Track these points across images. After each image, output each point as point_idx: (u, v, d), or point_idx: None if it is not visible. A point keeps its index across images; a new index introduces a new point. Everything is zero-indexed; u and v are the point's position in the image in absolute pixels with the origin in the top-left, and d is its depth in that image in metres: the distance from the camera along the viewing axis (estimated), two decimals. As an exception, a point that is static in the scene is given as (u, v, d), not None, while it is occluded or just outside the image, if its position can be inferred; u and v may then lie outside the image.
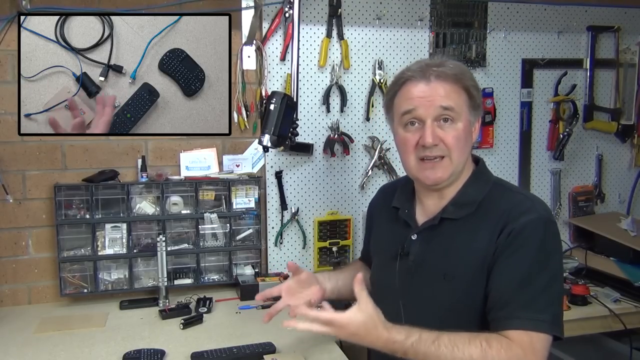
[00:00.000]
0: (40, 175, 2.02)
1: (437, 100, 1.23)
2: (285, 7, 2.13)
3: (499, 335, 1.14)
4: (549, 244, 1.19)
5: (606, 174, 2.70)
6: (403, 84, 1.28)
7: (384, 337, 1.13)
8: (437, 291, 1.26)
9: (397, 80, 1.30)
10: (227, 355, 1.54)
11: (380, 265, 1.45)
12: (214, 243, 2.15)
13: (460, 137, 1.24)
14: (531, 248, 1.17)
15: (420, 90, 1.25)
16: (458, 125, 1.24)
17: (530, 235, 1.17)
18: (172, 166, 2.14)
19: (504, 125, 2.52)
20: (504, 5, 2.45)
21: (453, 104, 1.23)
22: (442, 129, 1.24)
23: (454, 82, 1.24)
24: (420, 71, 1.26)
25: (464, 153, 1.27)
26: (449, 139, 1.23)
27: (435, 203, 1.32)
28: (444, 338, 1.12)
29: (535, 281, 1.15)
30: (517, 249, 1.17)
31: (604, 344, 2.32)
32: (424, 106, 1.24)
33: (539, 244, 1.17)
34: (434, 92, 1.23)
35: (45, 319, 1.87)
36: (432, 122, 1.24)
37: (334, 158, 2.28)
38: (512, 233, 1.18)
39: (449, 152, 1.24)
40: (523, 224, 1.18)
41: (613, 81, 2.64)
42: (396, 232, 1.38)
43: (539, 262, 1.16)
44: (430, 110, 1.23)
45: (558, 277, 1.22)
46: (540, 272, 1.16)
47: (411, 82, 1.26)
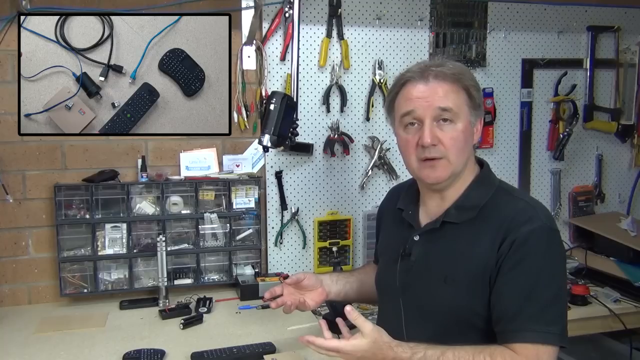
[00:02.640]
0: (40, 175, 2.02)
1: (435, 101, 1.23)
2: (285, 7, 2.13)
3: (504, 348, 1.14)
4: (553, 254, 1.19)
5: (606, 174, 2.70)
6: (403, 85, 1.28)
7: (390, 356, 1.14)
8: (437, 294, 1.26)
9: (397, 82, 1.30)
10: (227, 355, 1.54)
11: (384, 266, 1.46)
12: (214, 243, 2.15)
13: (458, 138, 1.23)
14: (536, 259, 1.16)
15: (419, 90, 1.24)
16: (457, 125, 1.24)
17: (534, 245, 1.16)
18: (172, 166, 2.14)
19: (504, 125, 2.52)
20: (504, 5, 2.45)
21: (452, 104, 1.23)
22: (441, 129, 1.23)
23: (452, 82, 1.24)
24: (420, 72, 1.25)
25: (463, 154, 1.26)
26: (447, 140, 1.23)
27: (437, 204, 1.32)
28: (449, 354, 1.12)
29: (543, 293, 1.15)
30: (521, 259, 1.16)
31: (604, 344, 2.32)
32: (423, 107, 1.23)
33: (544, 254, 1.16)
34: (433, 92, 1.23)
35: (45, 319, 1.87)
36: (430, 122, 1.23)
37: (334, 158, 2.28)
38: (515, 243, 1.16)
39: (446, 153, 1.23)
40: (526, 234, 1.16)
41: (613, 81, 2.64)
42: (400, 233, 1.38)
43: (546, 273, 1.16)
44: (429, 110, 1.23)
45: (564, 287, 1.22)
46: (548, 284, 1.16)
47: (410, 83, 1.26)
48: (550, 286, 1.16)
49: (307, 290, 1.50)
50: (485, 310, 1.20)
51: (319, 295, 1.50)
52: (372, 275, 1.53)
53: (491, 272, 1.19)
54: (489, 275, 1.19)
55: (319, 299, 1.51)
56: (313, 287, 1.50)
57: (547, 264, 1.16)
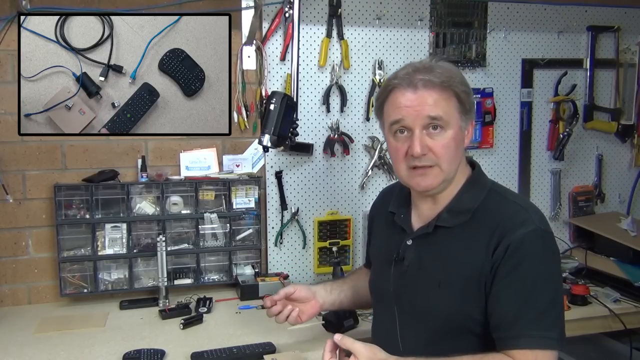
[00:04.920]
0: (40, 175, 2.02)
1: (425, 110, 1.20)
2: (285, 7, 2.13)
3: (503, 355, 1.14)
4: (548, 257, 1.18)
5: (606, 174, 2.70)
6: (390, 91, 1.25)
7: None
8: (431, 298, 1.25)
9: (385, 88, 1.27)
10: (227, 355, 1.55)
11: (377, 270, 1.45)
12: (214, 243, 2.15)
13: (449, 146, 1.21)
14: (532, 263, 1.15)
15: (408, 99, 1.21)
16: (448, 133, 1.21)
17: (529, 249, 1.15)
18: (172, 166, 2.14)
19: (504, 125, 2.52)
20: (504, 5, 2.45)
21: (442, 112, 1.20)
22: (431, 138, 1.21)
23: (442, 90, 1.20)
24: (408, 78, 1.22)
25: (454, 160, 1.24)
26: (438, 148, 1.21)
27: (430, 208, 1.31)
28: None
29: (540, 298, 1.14)
30: (517, 264, 1.15)
31: (604, 344, 2.31)
32: (412, 116, 1.20)
33: (539, 259, 1.16)
34: (422, 101, 1.20)
35: (45, 319, 1.87)
36: (420, 131, 1.21)
37: (334, 158, 2.28)
38: (510, 247, 1.15)
39: (438, 161, 1.21)
40: (520, 238, 1.15)
41: (613, 81, 2.64)
42: (392, 237, 1.37)
43: (542, 278, 1.15)
44: (418, 120, 1.20)
45: (560, 289, 1.21)
46: (545, 288, 1.15)
47: (398, 90, 1.23)
48: (547, 290, 1.15)
49: (300, 303, 1.50)
50: (479, 315, 1.20)
51: (312, 307, 1.51)
52: (364, 281, 1.53)
53: (486, 276, 1.18)
54: (483, 280, 1.18)
55: (311, 312, 1.51)
56: (305, 299, 1.50)
57: (543, 268, 1.16)
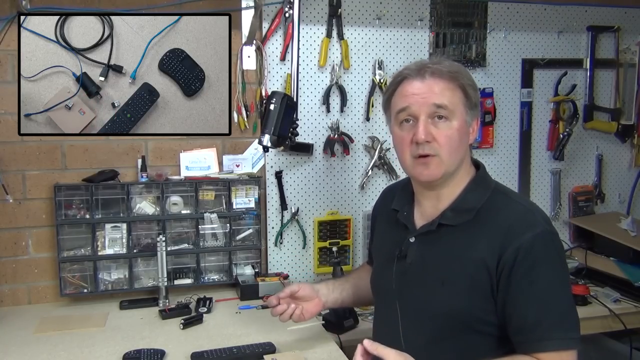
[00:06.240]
0: (40, 175, 2.02)
1: (431, 98, 1.22)
2: (285, 7, 2.13)
3: (530, 358, 1.14)
4: (560, 258, 1.20)
5: (606, 174, 2.70)
6: (400, 82, 1.28)
7: None
8: (434, 296, 1.25)
9: (395, 79, 1.30)
10: (227, 355, 1.54)
11: (379, 267, 1.45)
12: (214, 243, 2.15)
13: (453, 136, 1.23)
14: (547, 266, 1.16)
15: (415, 87, 1.24)
16: (452, 123, 1.23)
17: (540, 252, 1.16)
18: (172, 166, 2.14)
19: (504, 125, 2.52)
20: (504, 5, 2.45)
21: (447, 101, 1.22)
22: (435, 127, 1.23)
23: (449, 80, 1.23)
24: (417, 69, 1.25)
25: (457, 153, 1.25)
26: (441, 138, 1.22)
27: (433, 205, 1.31)
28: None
29: (559, 300, 1.16)
30: (531, 267, 1.15)
31: (604, 344, 2.32)
32: (418, 103, 1.23)
33: (552, 261, 1.17)
34: (429, 89, 1.23)
35: (45, 319, 1.87)
36: (425, 118, 1.23)
37: (334, 158, 2.28)
38: (521, 250, 1.15)
39: (439, 151, 1.22)
40: (531, 240, 1.16)
41: (613, 81, 2.64)
42: (395, 235, 1.37)
43: (557, 280, 1.17)
44: (424, 107, 1.22)
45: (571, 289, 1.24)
46: (561, 290, 1.17)
47: (407, 80, 1.26)
48: (564, 292, 1.18)
49: (303, 301, 1.51)
50: (483, 313, 1.20)
51: (315, 306, 1.52)
52: (367, 279, 1.53)
53: (491, 276, 1.18)
54: (488, 279, 1.18)
55: (314, 310, 1.52)
56: (309, 297, 1.52)
57: (557, 270, 1.17)
